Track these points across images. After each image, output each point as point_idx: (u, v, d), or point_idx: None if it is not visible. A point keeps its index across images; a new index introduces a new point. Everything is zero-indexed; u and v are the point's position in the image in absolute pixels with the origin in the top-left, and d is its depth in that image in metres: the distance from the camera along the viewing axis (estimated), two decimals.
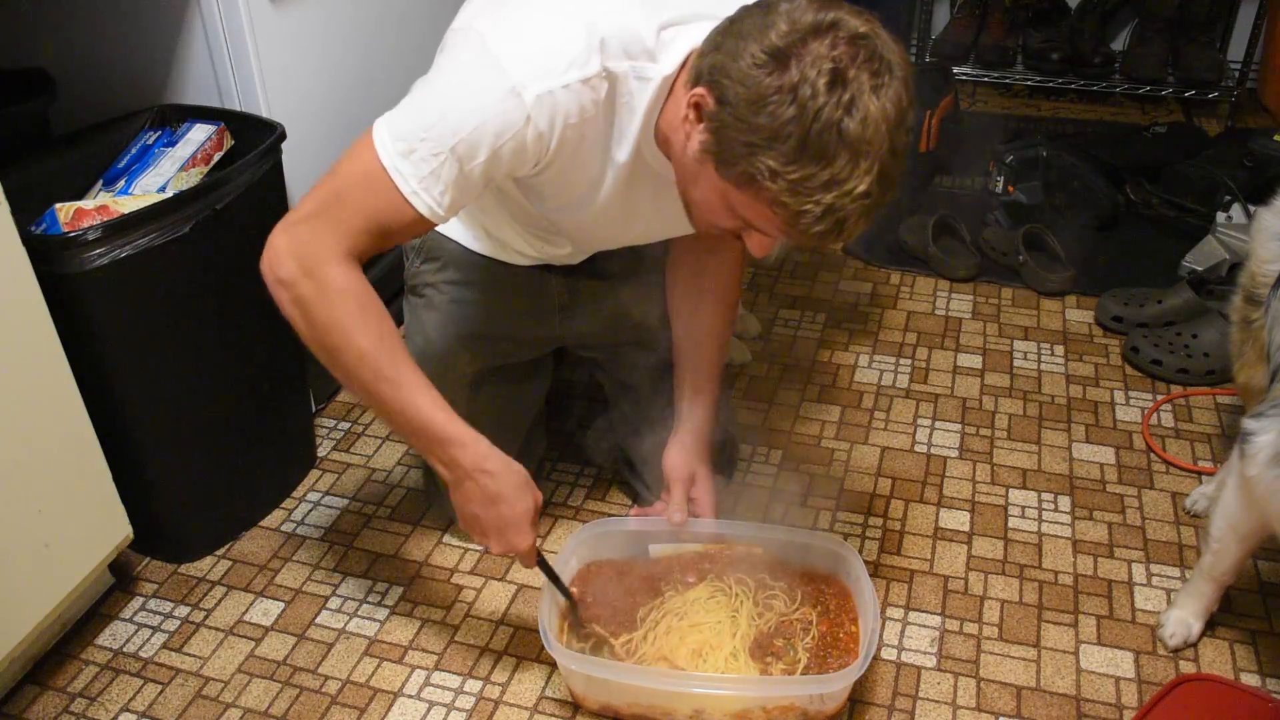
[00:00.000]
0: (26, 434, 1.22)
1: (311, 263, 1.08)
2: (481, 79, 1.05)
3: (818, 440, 1.76)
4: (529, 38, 1.06)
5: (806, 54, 0.94)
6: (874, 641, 1.22)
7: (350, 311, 1.10)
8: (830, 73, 0.93)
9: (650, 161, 1.16)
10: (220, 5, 1.48)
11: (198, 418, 1.46)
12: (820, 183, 0.95)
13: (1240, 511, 1.26)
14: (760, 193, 0.98)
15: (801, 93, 0.93)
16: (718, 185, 1.03)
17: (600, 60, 1.06)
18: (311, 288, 1.09)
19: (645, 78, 1.08)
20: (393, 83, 1.79)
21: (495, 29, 1.07)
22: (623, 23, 1.06)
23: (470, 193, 1.11)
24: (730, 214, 1.06)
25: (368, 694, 1.34)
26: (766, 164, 0.96)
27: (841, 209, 0.97)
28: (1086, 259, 2.19)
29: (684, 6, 1.09)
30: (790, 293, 2.17)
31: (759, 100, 0.95)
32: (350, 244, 1.09)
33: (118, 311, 1.31)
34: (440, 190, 1.08)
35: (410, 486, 1.68)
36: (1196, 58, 2.84)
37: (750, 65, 0.95)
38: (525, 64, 1.04)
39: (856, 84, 0.94)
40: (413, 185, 1.07)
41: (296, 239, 1.10)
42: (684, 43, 1.08)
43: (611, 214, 1.23)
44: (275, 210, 1.52)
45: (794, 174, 0.95)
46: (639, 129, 1.12)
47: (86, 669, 1.38)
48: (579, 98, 1.06)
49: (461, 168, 1.07)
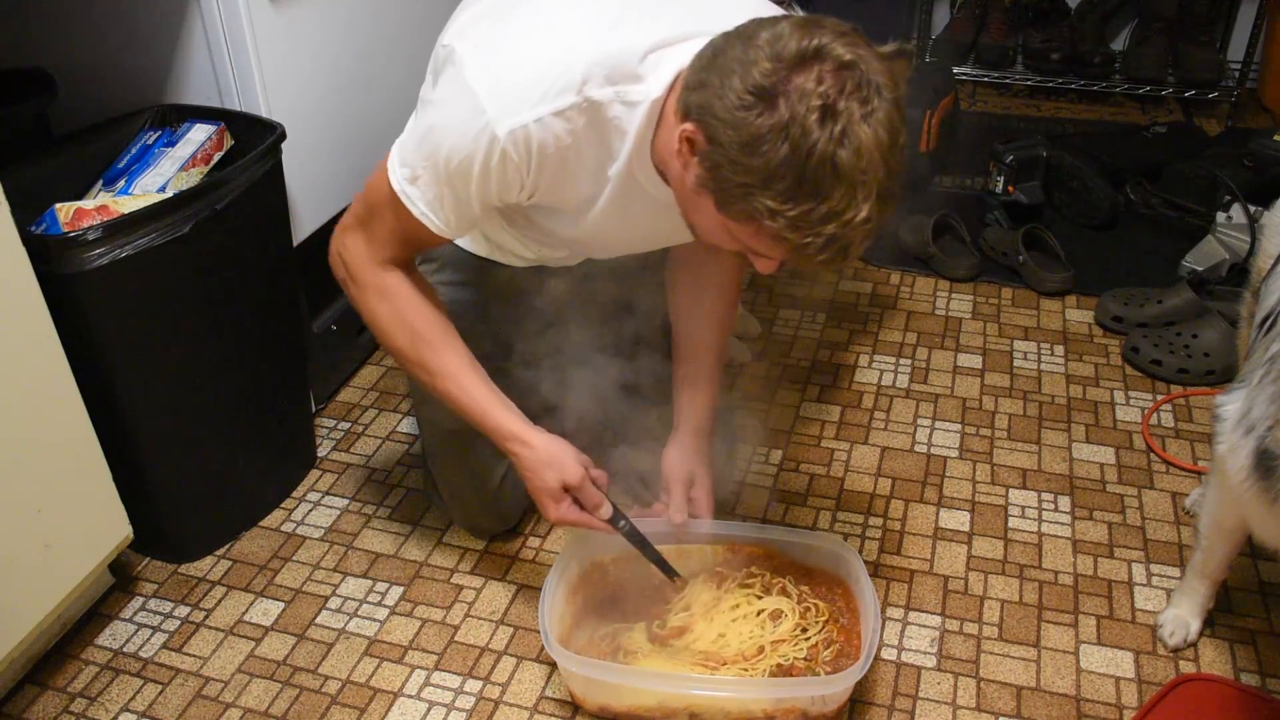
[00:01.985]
0: (26, 434, 1.22)
1: (353, 269, 1.23)
2: (460, 114, 1.09)
3: (818, 440, 1.76)
4: (503, 69, 1.08)
5: (793, 91, 0.93)
6: (874, 642, 1.22)
7: (385, 314, 1.23)
8: (820, 109, 0.92)
9: (642, 181, 1.16)
10: (220, 5, 1.48)
11: (198, 417, 1.46)
12: (820, 216, 0.95)
13: (1221, 507, 1.26)
14: (761, 229, 0.99)
15: (793, 132, 0.92)
16: (717, 218, 1.03)
17: (578, 91, 1.06)
18: (355, 291, 1.24)
19: (631, 102, 1.08)
20: (392, 83, 1.79)
21: (473, 59, 1.09)
22: (604, 49, 1.06)
23: (471, 215, 1.17)
24: (733, 240, 1.06)
25: (368, 694, 1.34)
26: (764, 204, 0.96)
27: (843, 236, 0.97)
28: (1086, 259, 2.19)
29: (671, 27, 1.08)
30: (790, 293, 2.16)
31: (751, 142, 0.94)
32: (387, 254, 1.21)
33: (118, 311, 1.31)
34: (445, 213, 1.15)
35: (410, 486, 1.68)
36: (1196, 58, 2.84)
37: (737, 106, 0.94)
38: (498, 99, 1.07)
39: (847, 115, 0.93)
40: (421, 208, 1.15)
41: (342, 245, 1.23)
42: (670, 65, 1.07)
43: (608, 229, 1.23)
44: (275, 210, 1.53)
45: (792, 211, 0.95)
46: (630, 151, 1.12)
47: (86, 669, 1.38)
48: (553, 129, 1.07)
49: (457, 195, 1.13)
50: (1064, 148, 2.38)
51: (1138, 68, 2.89)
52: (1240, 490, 1.14)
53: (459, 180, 1.11)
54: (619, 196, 1.17)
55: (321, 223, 1.71)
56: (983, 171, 2.44)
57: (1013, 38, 3.01)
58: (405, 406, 1.84)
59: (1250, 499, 1.13)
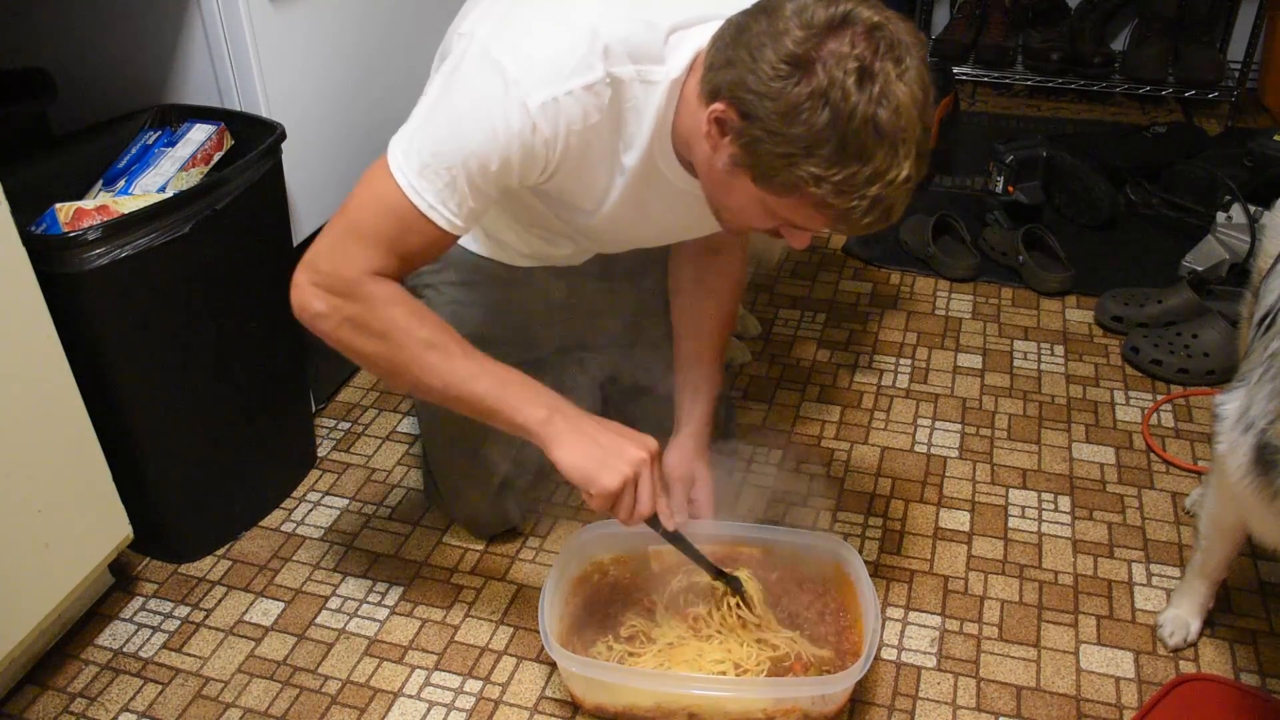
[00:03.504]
0: (26, 434, 1.22)
1: (346, 287, 1.10)
2: (486, 90, 1.05)
3: (818, 440, 1.76)
4: (532, 44, 1.06)
5: (829, 56, 0.93)
6: (875, 642, 1.22)
7: (402, 314, 1.11)
8: (857, 71, 0.93)
9: (662, 167, 1.15)
10: (220, 5, 1.48)
11: (198, 417, 1.46)
12: (864, 178, 0.96)
13: (1221, 505, 1.26)
14: (804, 197, 0.99)
15: (833, 95, 0.93)
16: (755, 194, 1.03)
17: (604, 66, 1.05)
18: (356, 307, 1.11)
19: (651, 81, 1.08)
20: (393, 83, 1.79)
21: (498, 37, 1.07)
22: (627, 27, 1.06)
23: (486, 202, 1.12)
24: (769, 216, 1.06)
25: (368, 694, 1.34)
26: (809, 171, 0.96)
27: (888, 197, 0.98)
28: (1086, 259, 2.19)
29: (690, 8, 1.08)
30: (790, 293, 2.16)
31: (790, 111, 0.94)
32: (376, 266, 1.11)
33: (118, 311, 1.31)
34: (457, 202, 1.09)
35: (410, 486, 1.68)
36: (1196, 58, 2.84)
37: (772, 76, 0.95)
38: (528, 72, 1.04)
39: (883, 75, 0.94)
40: (429, 200, 1.08)
41: (321, 272, 1.11)
42: (690, 45, 1.07)
43: (622, 219, 1.22)
44: (275, 210, 1.53)
45: (837, 176, 0.96)
46: (649, 134, 1.11)
47: (86, 669, 1.38)
48: (582, 103, 1.06)
49: (475, 178, 1.08)
50: (1064, 148, 2.38)
51: (1138, 68, 2.89)
52: (1240, 488, 1.14)
53: (478, 161, 1.06)
54: (637, 184, 1.16)
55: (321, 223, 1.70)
56: (983, 171, 2.44)
57: (1013, 38, 3.01)
58: (405, 406, 1.84)
59: (1249, 496, 1.13)
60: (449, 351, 1.13)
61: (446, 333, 1.14)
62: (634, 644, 1.31)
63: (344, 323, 1.12)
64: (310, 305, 1.12)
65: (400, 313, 1.12)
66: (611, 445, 1.14)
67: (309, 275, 1.12)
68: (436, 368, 1.13)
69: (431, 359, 1.13)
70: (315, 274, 1.12)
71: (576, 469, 1.13)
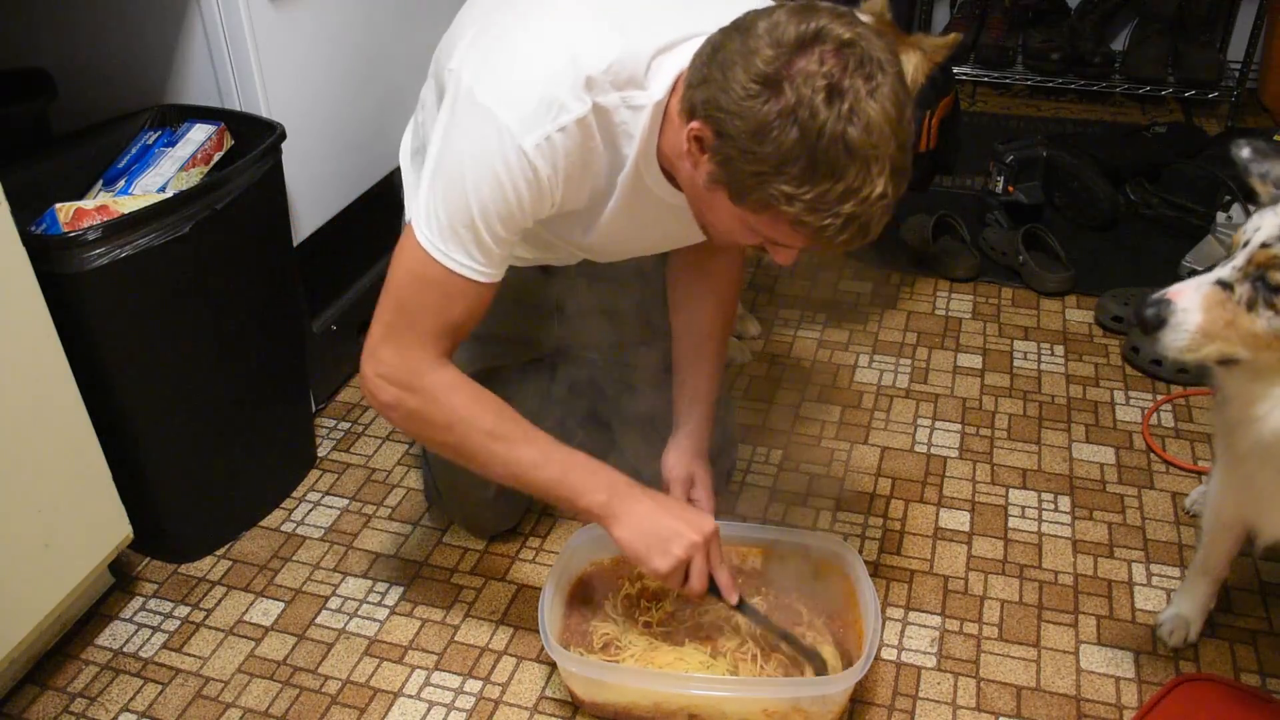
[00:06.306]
0: (26, 434, 1.22)
1: (408, 379, 1.15)
2: (483, 142, 1.07)
3: (818, 440, 1.76)
4: (514, 84, 1.07)
5: (797, 74, 0.93)
6: (875, 643, 1.22)
7: (464, 403, 1.17)
8: (825, 89, 0.93)
9: (650, 185, 1.16)
10: (220, 5, 1.48)
11: (198, 417, 1.46)
12: (837, 195, 0.95)
13: (1223, 499, 1.27)
14: (779, 215, 0.99)
15: (801, 114, 0.93)
16: (734, 211, 1.04)
17: (590, 97, 1.06)
18: (419, 400, 1.16)
19: (636, 106, 1.08)
20: (393, 83, 1.79)
21: (480, 81, 1.07)
22: (608, 54, 1.06)
23: (511, 245, 1.14)
24: (751, 233, 1.06)
25: (368, 694, 1.34)
26: (780, 189, 0.96)
27: (863, 214, 0.97)
28: (1086, 259, 2.19)
29: (672, 27, 1.09)
30: (790, 293, 2.16)
31: (760, 130, 0.95)
32: (434, 348, 1.15)
33: (118, 311, 1.31)
34: (485, 255, 1.11)
35: (410, 486, 1.68)
36: (1196, 58, 2.84)
37: (743, 96, 0.95)
38: (518, 118, 1.05)
39: (853, 92, 0.93)
40: (460, 259, 1.11)
41: (383, 363, 1.16)
42: (672, 66, 1.07)
43: (616, 234, 1.23)
44: (275, 210, 1.53)
45: (809, 194, 0.95)
46: (636, 154, 1.12)
47: (86, 669, 1.38)
48: (573, 138, 1.07)
49: (495, 227, 1.10)
50: (1064, 148, 2.38)
51: (1138, 68, 2.89)
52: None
53: (495, 211, 1.08)
54: (627, 200, 1.17)
55: (321, 223, 1.71)
56: (983, 171, 2.44)
57: (1013, 38, 3.01)
58: None
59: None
60: (512, 440, 1.18)
61: (508, 419, 1.18)
62: (609, 652, 1.31)
63: (410, 415, 1.17)
64: (378, 397, 1.17)
65: (461, 401, 1.16)
66: (667, 529, 1.19)
67: (373, 366, 1.17)
68: (501, 457, 1.18)
69: (496, 449, 1.18)
70: (378, 365, 1.16)
71: (631, 550, 1.20)
